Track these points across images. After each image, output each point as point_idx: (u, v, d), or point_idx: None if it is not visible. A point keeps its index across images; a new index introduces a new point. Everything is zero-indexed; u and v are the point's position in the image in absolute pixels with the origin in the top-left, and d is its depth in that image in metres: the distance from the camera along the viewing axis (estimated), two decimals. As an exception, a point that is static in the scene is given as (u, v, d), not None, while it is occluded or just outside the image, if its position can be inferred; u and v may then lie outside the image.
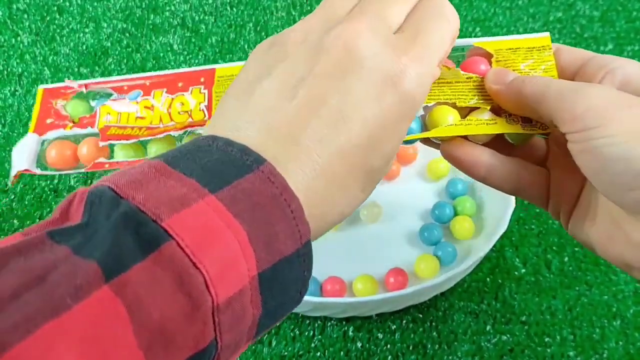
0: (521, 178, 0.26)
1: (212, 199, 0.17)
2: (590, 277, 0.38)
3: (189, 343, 0.16)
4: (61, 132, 0.29)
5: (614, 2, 0.56)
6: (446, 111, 0.26)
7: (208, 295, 0.16)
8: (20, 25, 0.56)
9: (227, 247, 0.17)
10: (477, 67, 0.27)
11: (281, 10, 0.57)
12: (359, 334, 0.36)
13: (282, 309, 0.19)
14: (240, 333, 0.18)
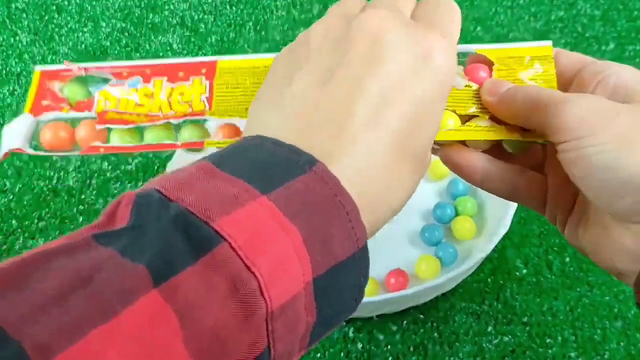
0: (518, 184, 0.26)
1: (264, 199, 0.17)
2: (591, 278, 0.38)
3: (242, 351, 0.15)
4: (57, 114, 0.28)
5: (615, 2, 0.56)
6: (447, 115, 0.26)
7: (262, 301, 0.16)
8: (19, 25, 0.56)
9: (281, 250, 0.16)
10: (477, 73, 0.27)
11: (281, 9, 0.57)
12: (359, 335, 0.36)
13: (337, 317, 0.19)
14: (293, 341, 0.17)
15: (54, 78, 0.29)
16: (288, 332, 0.17)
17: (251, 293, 0.15)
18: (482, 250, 0.35)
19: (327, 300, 0.17)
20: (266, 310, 0.16)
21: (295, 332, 0.17)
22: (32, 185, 0.44)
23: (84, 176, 0.44)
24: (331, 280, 0.17)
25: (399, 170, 0.20)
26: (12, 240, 0.40)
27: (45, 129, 0.28)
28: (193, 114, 0.28)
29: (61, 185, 0.44)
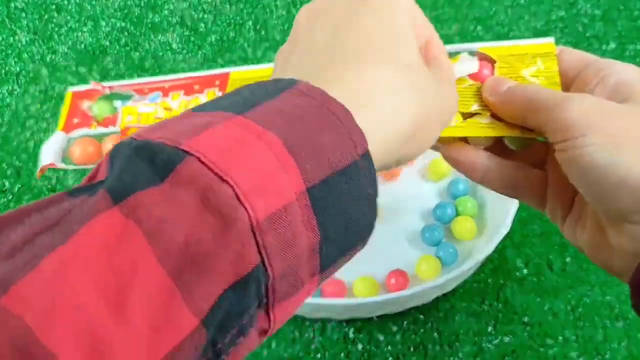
0: (518, 180, 0.26)
1: (239, 118, 0.16)
2: (592, 278, 0.38)
3: (226, 267, 0.14)
4: (86, 131, 0.31)
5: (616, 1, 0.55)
6: None
7: (242, 209, 0.14)
8: (18, 24, 0.56)
9: (258, 157, 0.15)
10: (480, 72, 0.27)
11: (281, 9, 0.56)
12: (359, 336, 0.36)
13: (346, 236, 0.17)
14: (297, 261, 0.15)
15: (84, 97, 0.32)
16: (285, 247, 0.15)
17: (226, 202, 0.14)
18: (482, 250, 0.35)
19: (329, 214, 0.16)
20: (250, 221, 0.14)
21: (295, 249, 0.15)
22: (31, 185, 0.44)
23: (82, 176, 0.44)
24: (331, 190, 0.16)
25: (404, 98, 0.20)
26: (11, 240, 0.40)
27: (75, 145, 0.31)
28: None
29: (60, 185, 0.44)
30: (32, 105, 0.49)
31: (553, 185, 0.26)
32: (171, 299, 0.14)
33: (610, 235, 0.23)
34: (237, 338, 0.15)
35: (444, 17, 0.55)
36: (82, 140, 0.31)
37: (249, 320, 0.15)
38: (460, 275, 0.34)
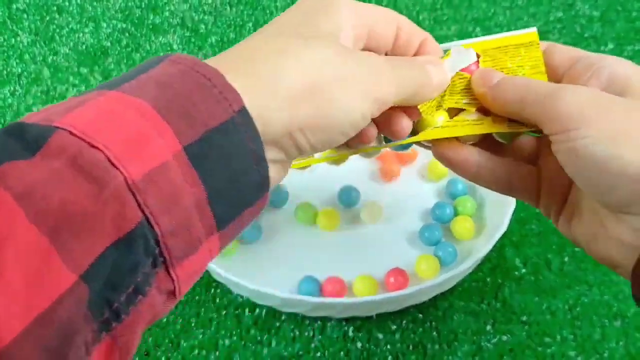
0: (511, 177, 0.26)
1: (111, 93, 0.17)
2: (590, 277, 0.38)
3: (106, 226, 0.15)
4: None
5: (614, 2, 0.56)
6: (436, 113, 0.27)
7: (115, 171, 0.15)
8: (20, 25, 0.56)
9: (129, 123, 0.16)
10: (468, 67, 0.27)
11: (280, 10, 0.57)
12: (359, 334, 0.36)
13: (234, 190, 0.18)
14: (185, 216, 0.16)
15: None
16: (169, 203, 0.16)
17: (98, 166, 0.15)
18: (481, 249, 0.35)
19: (211, 168, 0.17)
20: (125, 181, 0.15)
21: (180, 205, 0.16)
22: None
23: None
24: (208, 147, 0.17)
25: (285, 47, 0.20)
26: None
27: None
28: None
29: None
30: (34, 106, 0.50)
31: (546, 180, 0.26)
32: (47, 257, 0.14)
33: (609, 228, 0.23)
34: (134, 297, 0.16)
35: (443, 18, 0.55)
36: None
37: (145, 278, 0.16)
38: (459, 274, 0.35)
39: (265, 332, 0.36)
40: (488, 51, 0.27)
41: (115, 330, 0.16)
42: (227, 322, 0.36)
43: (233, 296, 0.38)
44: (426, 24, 0.55)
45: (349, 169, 0.44)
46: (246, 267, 0.38)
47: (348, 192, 0.41)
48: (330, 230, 0.40)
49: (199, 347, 0.35)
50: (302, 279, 0.36)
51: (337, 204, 0.42)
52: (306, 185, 0.43)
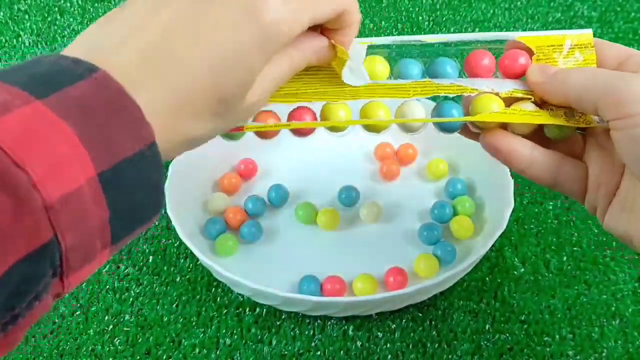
0: (560, 171, 0.26)
1: (37, 104, 0.17)
2: (589, 277, 0.38)
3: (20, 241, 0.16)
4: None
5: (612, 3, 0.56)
6: (491, 99, 0.27)
7: (36, 192, 0.16)
8: (22, 26, 0.56)
9: (54, 147, 0.17)
10: (517, 60, 0.27)
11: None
12: (358, 333, 0.36)
13: (134, 212, 0.19)
14: (88, 234, 0.18)
15: None
16: (77, 223, 0.17)
17: (22, 186, 0.16)
18: (480, 249, 0.35)
19: (117, 194, 0.18)
20: (43, 202, 0.16)
21: (87, 224, 0.18)
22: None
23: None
24: (118, 175, 0.18)
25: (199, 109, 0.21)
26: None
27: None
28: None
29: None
30: None
31: (593, 176, 0.26)
32: None
33: None
34: (33, 302, 0.18)
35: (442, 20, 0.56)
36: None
37: (44, 287, 0.18)
38: (458, 273, 0.35)
39: (266, 331, 0.36)
40: (542, 48, 0.27)
41: (8, 331, 0.17)
42: (228, 321, 0.37)
43: (234, 295, 0.38)
44: (425, 25, 0.55)
45: (349, 169, 0.44)
46: (247, 266, 0.38)
47: (348, 192, 0.41)
48: (330, 230, 0.40)
49: (200, 346, 0.36)
50: (302, 278, 0.37)
51: (337, 204, 0.42)
52: (306, 185, 0.43)
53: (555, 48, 0.27)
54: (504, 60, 0.28)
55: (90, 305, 0.37)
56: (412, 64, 0.28)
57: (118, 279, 0.39)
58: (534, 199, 0.43)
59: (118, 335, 0.36)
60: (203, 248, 0.39)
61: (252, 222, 0.40)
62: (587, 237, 0.40)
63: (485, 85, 0.27)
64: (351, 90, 0.27)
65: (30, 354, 0.35)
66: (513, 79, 0.27)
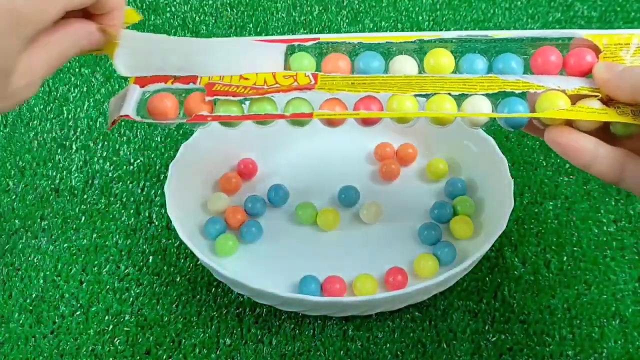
0: (625, 168, 0.26)
1: None
2: (589, 277, 0.38)
3: None
4: (162, 86, 0.30)
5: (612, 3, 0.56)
6: (557, 96, 0.27)
7: None
8: (22, 26, 0.56)
9: None
10: (583, 57, 0.27)
11: (281, 11, 0.57)
12: (358, 333, 0.36)
13: None
14: None
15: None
16: None
17: None
18: (479, 249, 0.35)
19: None
20: None
21: None
22: (35, 184, 0.44)
23: (86, 176, 0.45)
24: None
25: None
26: (15, 240, 0.41)
27: (152, 99, 0.30)
28: (299, 88, 0.28)
29: (63, 185, 0.44)
30: (36, 106, 0.50)
31: None
32: None
33: None
34: None
35: (442, 20, 0.56)
36: (159, 95, 0.29)
37: None
38: (458, 273, 0.35)
39: (266, 331, 0.36)
40: (609, 46, 0.27)
41: None
42: (228, 321, 0.37)
43: (234, 295, 0.38)
44: (425, 25, 0.55)
45: (349, 169, 0.44)
46: (247, 266, 0.38)
47: (348, 192, 0.41)
48: (330, 230, 0.40)
49: (200, 346, 0.36)
50: (302, 278, 0.37)
51: (337, 204, 0.42)
52: (306, 185, 0.43)
53: (622, 46, 0.27)
54: (571, 58, 0.28)
55: (90, 305, 0.37)
56: (477, 58, 0.28)
57: (118, 279, 0.39)
58: (534, 199, 0.43)
59: (118, 335, 0.36)
60: (203, 248, 0.39)
61: (252, 222, 0.40)
62: (587, 237, 0.40)
63: (551, 82, 0.27)
64: (418, 82, 0.28)
65: (30, 354, 0.35)
66: (579, 76, 0.27)
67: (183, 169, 0.40)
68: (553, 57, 0.28)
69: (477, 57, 0.28)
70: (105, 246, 0.40)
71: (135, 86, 0.30)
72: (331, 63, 0.29)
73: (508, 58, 0.28)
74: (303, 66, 0.29)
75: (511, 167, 0.42)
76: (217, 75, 0.29)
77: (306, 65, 0.29)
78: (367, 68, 0.29)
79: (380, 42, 0.29)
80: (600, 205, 0.42)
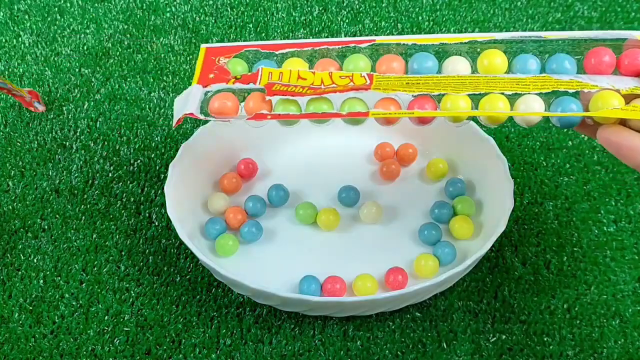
0: None
1: None
2: (589, 277, 0.38)
3: None
4: (223, 86, 0.32)
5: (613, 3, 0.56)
6: (611, 95, 0.27)
7: None
8: (22, 26, 0.56)
9: None
10: (637, 58, 0.28)
11: (281, 12, 0.57)
12: (359, 333, 0.36)
13: None
14: None
15: (218, 54, 0.32)
16: None
17: None
18: (479, 249, 0.35)
19: None
20: None
21: None
22: (35, 185, 0.44)
23: (86, 176, 0.44)
24: None
25: None
26: (15, 240, 0.41)
27: (214, 98, 0.31)
28: (355, 88, 0.29)
29: (64, 185, 0.44)
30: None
31: None
32: None
33: None
34: None
35: (442, 20, 0.56)
36: (220, 95, 0.31)
37: None
38: (458, 273, 0.35)
39: (266, 331, 0.36)
40: None
41: None
42: (228, 321, 0.37)
43: (234, 295, 0.38)
44: (425, 25, 0.55)
45: (349, 169, 0.44)
46: (247, 266, 0.38)
47: (348, 192, 0.41)
48: (330, 230, 0.40)
49: (201, 346, 0.36)
50: (302, 278, 0.37)
51: (337, 204, 0.42)
52: (306, 185, 0.43)
53: None
54: (625, 59, 0.28)
55: (90, 305, 0.37)
56: (530, 58, 0.29)
57: (118, 279, 0.39)
58: (534, 199, 0.43)
59: (118, 335, 0.36)
60: (203, 248, 0.39)
61: (252, 222, 0.40)
62: (587, 238, 0.40)
63: (605, 82, 0.27)
64: (472, 82, 0.28)
65: (30, 354, 0.35)
66: (633, 76, 0.28)
67: (183, 169, 0.40)
68: (606, 58, 0.28)
69: (531, 57, 0.29)
70: (105, 246, 0.40)
71: (198, 86, 0.31)
72: (385, 64, 0.30)
73: (561, 58, 0.28)
74: (358, 67, 0.30)
75: (511, 167, 0.42)
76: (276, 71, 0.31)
77: (362, 66, 0.30)
78: (421, 68, 0.30)
79: (433, 43, 0.30)
80: (600, 205, 0.42)
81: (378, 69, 0.30)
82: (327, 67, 0.31)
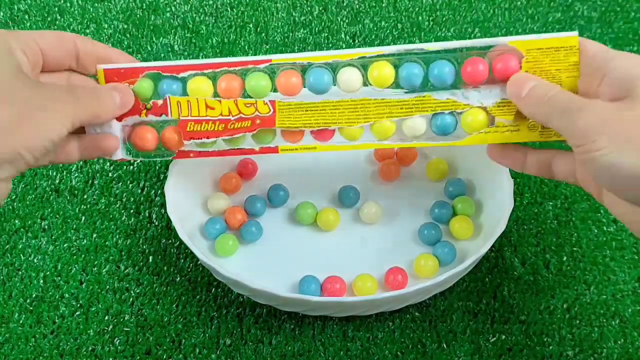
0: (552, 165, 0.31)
1: None
2: (588, 277, 0.38)
3: None
4: (137, 118, 0.33)
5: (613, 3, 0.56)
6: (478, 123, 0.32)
7: None
8: (22, 26, 0.56)
9: None
10: (508, 63, 0.30)
11: (281, 11, 0.57)
12: (358, 333, 0.36)
13: None
14: None
15: (121, 78, 0.33)
16: None
17: None
18: (479, 249, 0.35)
19: None
20: None
21: None
22: (35, 184, 0.44)
23: (86, 176, 0.45)
24: None
25: None
26: (16, 240, 0.41)
27: (133, 133, 0.33)
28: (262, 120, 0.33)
29: (63, 185, 0.44)
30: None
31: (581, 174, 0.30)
32: None
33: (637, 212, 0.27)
34: None
35: (442, 20, 0.56)
36: (139, 129, 0.33)
37: None
38: (458, 274, 0.35)
39: (266, 331, 0.36)
40: (531, 52, 0.30)
41: None
42: (228, 321, 0.37)
43: (234, 295, 0.38)
44: (425, 25, 0.55)
45: (349, 169, 0.44)
46: (247, 266, 0.38)
47: (348, 192, 0.42)
48: (330, 230, 0.40)
49: (201, 346, 0.36)
50: (302, 278, 0.37)
51: (337, 204, 0.42)
52: (306, 185, 0.43)
53: (543, 51, 0.30)
54: (497, 64, 0.31)
55: (90, 305, 0.37)
56: (415, 68, 0.32)
57: (118, 279, 0.39)
58: (534, 199, 0.43)
59: (118, 335, 0.36)
60: (203, 248, 0.39)
61: (252, 222, 0.40)
62: (587, 237, 0.40)
63: (475, 100, 0.32)
64: (362, 108, 0.33)
65: (30, 354, 0.35)
66: (505, 81, 0.31)
67: (183, 169, 0.40)
68: (480, 67, 0.31)
69: (415, 65, 0.32)
70: (105, 246, 0.40)
71: (115, 122, 0.32)
72: (284, 78, 0.33)
73: (441, 64, 0.32)
74: (260, 85, 0.32)
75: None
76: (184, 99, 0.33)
77: (263, 85, 0.32)
78: (317, 82, 0.32)
79: (327, 61, 0.32)
80: (599, 205, 0.42)
81: (277, 83, 0.33)
82: (230, 83, 0.32)
